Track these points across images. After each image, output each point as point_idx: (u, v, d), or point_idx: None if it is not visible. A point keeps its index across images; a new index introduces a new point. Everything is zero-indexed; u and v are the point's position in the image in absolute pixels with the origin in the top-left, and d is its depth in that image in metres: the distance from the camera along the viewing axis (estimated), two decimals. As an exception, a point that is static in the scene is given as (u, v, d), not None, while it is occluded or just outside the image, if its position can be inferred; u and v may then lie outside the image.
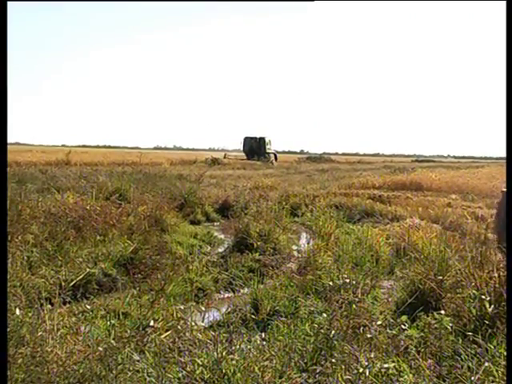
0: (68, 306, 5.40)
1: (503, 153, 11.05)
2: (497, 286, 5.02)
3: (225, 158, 43.57)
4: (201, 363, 3.68)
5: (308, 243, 9.27)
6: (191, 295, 6.49)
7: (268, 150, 49.96)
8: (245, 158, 48.34)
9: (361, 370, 3.63)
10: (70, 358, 3.73)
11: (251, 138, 50.84)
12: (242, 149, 51.23)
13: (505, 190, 10.40)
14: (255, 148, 49.76)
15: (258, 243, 9.19)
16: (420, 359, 3.99)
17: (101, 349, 3.84)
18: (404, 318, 4.88)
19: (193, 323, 4.71)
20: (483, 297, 4.88)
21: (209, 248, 10.00)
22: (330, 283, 5.91)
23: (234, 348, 3.87)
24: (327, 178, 27.76)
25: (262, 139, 50.24)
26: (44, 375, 3.55)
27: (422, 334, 4.58)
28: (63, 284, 5.93)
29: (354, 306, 4.81)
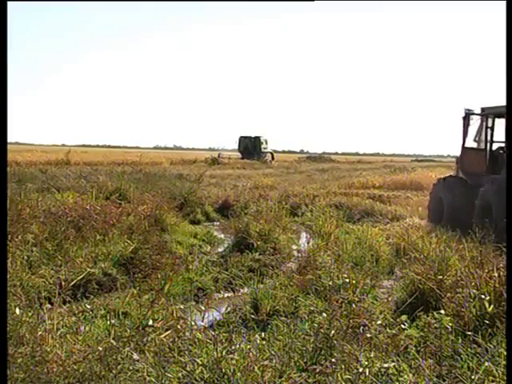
0: (68, 305, 5.40)
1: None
2: (497, 285, 5.03)
3: (219, 157, 43.14)
4: (200, 363, 3.68)
5: (308, 243, 9.28)
6: (191, 295, 6.49)
7: (264, 150, 49.61)
8: (239, 157, 47.93)
9: (361, 369, 3.63)
10: (69, 358, 3.73)
11: (246, 138, 50.45)
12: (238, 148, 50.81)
13: (440, 177, 12.73)
14: (250, 147, 49.37)
15: (258, 243, 9.19)
16: (420, 359, 3.98)
17: (100, 348, 3.84)
18: (404, 317, 4.88)
19: (192, 323, 4.70)
20: (483, 296, 4.88)
21: (209, 247, 10.01)
22: (330, 283, 5.91)
23: (233, 348, 3.87)
24: (327, 177, 27.76)
25: (258, 138, 49.86)
26: (44, 375, 3.55)
27: (422, 333, 4.58)
28: (63, 283, 5.93)
29: (353, 305, 4.80)
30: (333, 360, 3.79)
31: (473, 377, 3.67)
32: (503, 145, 10.99)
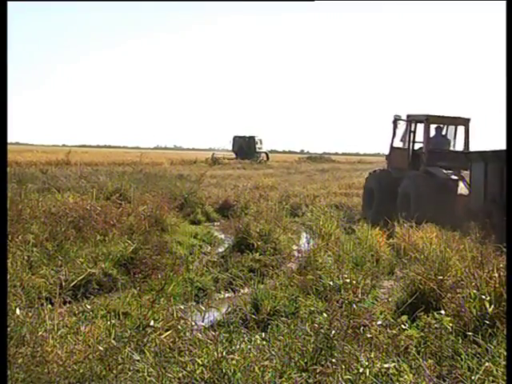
0: (68, 305, 5.40)
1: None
2: (497, 285, 5.03)
3: (213, 157, 42.91)
4: (201, 363, 3.68)
5: (308, 243, 9.28)
6: (191, 295, 6.49)
7: (258, 150, 49.19)
8: (233, 157, 47.56)
9: (361, 369, 3.63)
10: (70, 358, 3.74)
11: (241, 137, 49.99)
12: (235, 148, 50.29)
13: (372, 171, 15.01)
14: (245, 147, 48.84)
15: (259, 243, 9.19)
16: (420, 359, 3.98)
17: (101, 348, 3.84)
18: (404, 317, 4.88)
19: (193, 323, 4.71)
20: (483, 297, 4.88)
21: (209, 248, 10.01)
22: (330, 283, 5.91)
23: (234, 348, 3.87)
24: (327, 177, 27.78)
25: (252, 138, 49.35)
26: (44, 375, 3.55)
27: (422, 333, 4.58)
28: (63, 284, 5.93)
29: (354, 305, 4.80)
30: (333, 360, 3.79)
31: (473, 377, 3.67)
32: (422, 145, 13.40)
